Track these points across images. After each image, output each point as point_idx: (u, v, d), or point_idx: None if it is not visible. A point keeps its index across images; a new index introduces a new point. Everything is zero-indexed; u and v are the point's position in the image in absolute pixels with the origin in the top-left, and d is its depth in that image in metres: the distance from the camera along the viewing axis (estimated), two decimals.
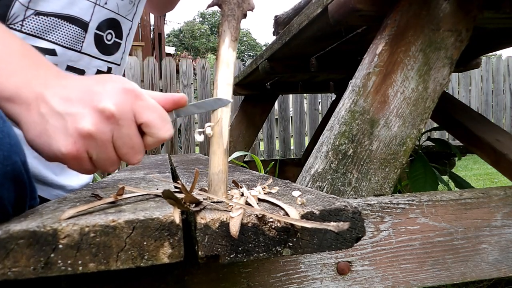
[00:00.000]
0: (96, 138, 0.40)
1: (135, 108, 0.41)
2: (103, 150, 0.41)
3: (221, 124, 0.43)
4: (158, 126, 0.42)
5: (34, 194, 0.45)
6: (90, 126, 0.40)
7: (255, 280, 0.58)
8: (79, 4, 0.66)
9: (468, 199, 0.69)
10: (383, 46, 0.76)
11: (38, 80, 0.42)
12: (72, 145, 0.40)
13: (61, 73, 0.45)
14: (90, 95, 0.41)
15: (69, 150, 0.40)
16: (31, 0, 0.62)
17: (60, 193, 0.74)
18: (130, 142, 0.42)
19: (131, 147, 0.42)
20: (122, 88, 0.41)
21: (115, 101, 0.40)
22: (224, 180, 0.43)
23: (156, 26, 6.35)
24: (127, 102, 0.41)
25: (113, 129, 0.41)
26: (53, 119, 0.40)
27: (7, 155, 0.37)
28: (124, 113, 0.41)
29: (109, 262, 0.32)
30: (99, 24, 0.70)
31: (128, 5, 0.75)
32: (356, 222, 0.38)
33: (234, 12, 0.45)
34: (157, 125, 0.42)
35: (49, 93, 0.41)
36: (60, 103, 0.41)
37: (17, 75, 0.42)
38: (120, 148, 0.42)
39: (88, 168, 0.43)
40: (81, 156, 0.41)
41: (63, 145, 0.40)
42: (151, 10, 1.03)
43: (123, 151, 0.42)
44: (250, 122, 2.38)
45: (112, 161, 0.43)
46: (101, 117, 0.40)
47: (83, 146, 0.40)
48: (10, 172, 0.38)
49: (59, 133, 0.40)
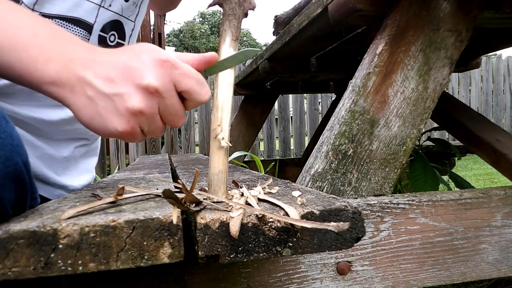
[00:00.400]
0: (145, 114, 0.43)
1: (174, 77, 0.43)
2: (153, 122, 0.44)
3: (221, 124, 0.43)
4: (198, 91, 0.44)
5: (34, 195, 0.45)
6: (139, 104, 0.42)
7: (255, 280, 0.58)
8: (83, 6, 0.66)
9: (468, 199, 0.69)
10: (383, 46, 0.76)
11: (73, 61, 0.44)
12: (126, 123, 0.43)
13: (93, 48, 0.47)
14: (130, 71, 0.43)
15: (124, 128, 0.43)
16: (37, 2, 0.62)
17: (61, 193, 0.74)
18: (174, 110, 0.45)
19: (176, 114, 0.45)
20: (158, 60, 0.43)
21: (155, 75, 0.42)
22: (224, 180, 0.43)
23: (156, 26, 6.35)
24: (166, 73, 0.43)
25: (158, 102, 0.43)
26: (102, 101, 0.43)
27: (9, 156, 0.37)
28: (166, 85, 0.43)
29: (109, 262, 0.32)
30: (103, 26, 0.70)
31: (131, 6, 0.75)
32: (356, 222, 0.38)
33: (235, 11, 0.45)
34: (196, 90, 0.44)
35: (89, 75, 0.43)
36: (105, 84, 0.43)
37: (53, 59, 0.44)
38: (167, 116, 0.45)
39: (140, 138, 0.46)
40: (135, 131, 0.44)
41: (118, 125, 0.43)
42: (153, 9, 1.03)
43: (169, 119, 0.45)
44: (250, 122, 2.38)
45: (161, 129, 0.46)
46: (146, 93, 0.42)
47: (136, 122, 0.43)
48: (11, 173, 0.38)
49: (111, 114, 0.43)
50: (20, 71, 0.44)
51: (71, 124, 0.73)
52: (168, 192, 0.35)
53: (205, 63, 0.46)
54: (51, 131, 0.70)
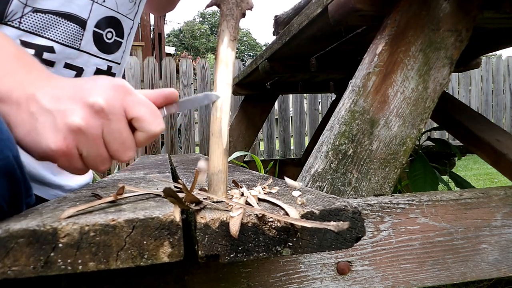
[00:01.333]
0: (86, 133, 0.40)
1: (125, 103, 0.41)
2: (93, 145, 0.41)
3: (220, 124, 0.43)
4: (149, 120, 0.42)
5: (29, 192, 0.44)
6: (80, 121, 0.39)
7: (255, 280, 0.58)
8: (77, 2, 0.66)
9: (468, 199, 0.69)
10: (383, 46, 0.76)
11: (29, 81, 0.43)
12: (62, 140, 0.40)
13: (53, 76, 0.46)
14: (80, 91, 0.41)
15: (58, 146, 0.40)
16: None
17: (58, 193, 0.74)
18: (120, 137, 0.41)
19: (122, 142, 0.42)
20: (112, 84, 0.41)
21: (105, 96, 0.40)
22: (224, 180, 0.43)
23: (156, 26, 6.35)
24: (117, 97, 0.41)
25: (103, 123, 0.40)
26: (42, 116, 0.40)
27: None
28: (114, 107, 0.40)
29: (109, 261, 0.32)
30: (97, 22, 0.70)
31: (128, 4, 0.75)
32: (356, 222, 0.38)
33: (232, 11, 0.45)
34: (148, 119, 0.42)
35: (39, 93, 0.41)
36: (50, 101, 0.41)
37: (9, 76, 0.43)
38: (111, 144, 0.41)
39: (79, 166, 0.42)
40: (71, 152, 0.41)
41: (52, 141, 0.40)
42: (151, 10, 1.03)
43: (113, 147, 0.42)
44: (250, 122, 2.38)
45: (103, 158, 0.42)
46: (91, 111, 0.40)
47: (73, 141, 0.40)
48: (2, 167, 0.37)
49: (48, 130, 0.40)
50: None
51: None
52: (169, 190, 0.35)
53: (164, 99, 0.44)
54: None
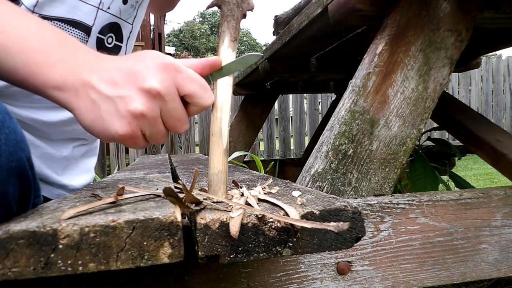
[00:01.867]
0: (147, 117, 0.43)
1: (176, 81, 0.43)
2: (155, 126, 0.44)
3: (220, 124, 0.44)
4: (201, 95, 0.44)
5: (38, 192, 0.45)
6: (141, 107, 0.42)
7: (255, 280, 0.58)
8: (82, 9, 0.67)
9: (468, 199, 0.69)
10: (383, 46, 0.76)
11: (80, 66, 0.44)
12: (128, 126, 0.42)
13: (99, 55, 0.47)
14: (133, 75, 0.43)
15: (125, 131, 0.43)
16: (37, 5, 0.62)
17: (61, 193, 0.74)
18: (176, 115, 0.44)
19: (178, 119, 0.44)
20: (161, 64, 0.43)
21: (158, 78, 0.42)
22: (224, 180, 0.43)
23: (156, 26, 6.34)
24: (169, 77, 0.43)
25: (161, 105, 0.43)
26: (104, 104, 0.42)
27: (12, 151, 0.37)
28: (168, 88, 0.42)
29: (109, 262, 0.32)
30: (101, 28, 0.70)
31: (129, 9, 0.76)
32: (356, 222, 0.38)
33: (233, 12, 0.45)
34: (199, 94, 0.44)
35: (94, 79, 0.43)
36: (108, 87, 0.43)
37: (59, 64, 0.44)
38: (169, 121, 0.44)
39: (142, 144, 0.45)
40: (136, 135, 0.43)
41: (119, 127, 0.42)
42: (151, 10, 1.03)
43: (171, 124, 0.45)
44: (250, 122, 2.38)
45: (162, 134, 0.45)
46: (149, 96, 0.42)
47: (137, 125, 0.43)
48: (15, 168, 0.38)
49: (113, 117, 0.42)
50: (25, 75, 0.44)
51: (69, 125, 0.73)
52: (169, 190, 0.35)
53: (209, 68, 0.46)
54: (50, 131, 0.71)
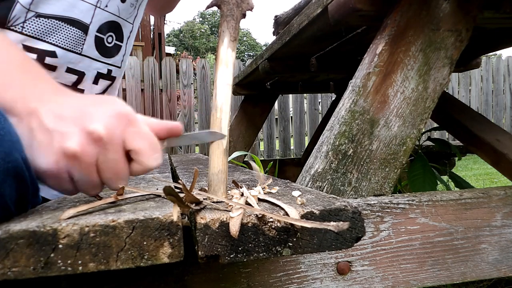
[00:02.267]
0: (80, 159, 0.39)
1: (125, 134, 0.41)
2: (86, 172, 0.40)
3: (220, 124, 0.43)
4: (147, 154, 0.41)
5: (36, 192, 0.45)
6: (76, 146, 0.39)
7: (255, 280, 0.58)
8: (79, 7, 0.66)
9: (468, 199, 0.69)
10: (383, 46, 0.76)
11: (34, 95, 0.42)
12: (54, 163, 0.39)
13: (59, 89, 0.45)
14: (83, 115, 0.40)
15: (50, 167, 0.40)
16: (32, 2, 0.62)
17: (59, 193, 0.74)
18: (115, 168, 0.41)
19: (116, 172, 0.41)
20: (116, 112, 0.41)
21: (106, 124, 0.39)
22: (224, 180, 0.43)
23: (156, 26, 6.35)
24: (119, 126, 0.40)
25: (99, 152, 0.40)
26: (40, 134, 0.40)
27: (8, 152, 0.37)
28: (113, 137, 0.40)
29: (109, 262, 0.32)
30: (99, 27, 0.70)
31: (129, 8, 0.75)
32: (356, 222, 0.38)
33: (233, 12, 0.45)
34: (145, 153, 0.41)
35: (43, 109, 0.41)
36: (52, 120, 0.40)
37: (14, 88, 0.43)
38: (104, 172, 0.41)
39: (68, 188, 0.42)
40: (61, 175, 0.40)
41: (44, 161, 0.40)
42: (150, 12, 1.03)
43: (106, 176, 0.41)
44: (250, 122, 2.38)
45: (94, 185, 0.41)
46: (89, 138, 0.39)
47: (65, 166, 0.40)
48: (11, 169, 0.38)
49: (43, 149, 0.40)
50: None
51: None
52: (169, 189, 0.35)
53: (167, 132, 0.44)
54: None
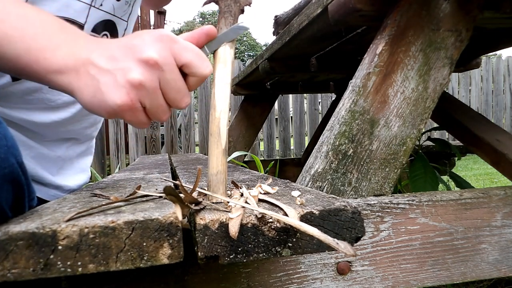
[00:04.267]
0: (146, 87, 0.43)
1: (173, 51, 0.43)
2: (154, 97, 0.44)
3: (218, 124, 0.43)
4: (198, 64, 0.44)
5: (32, 195, 0.45)
6: (139, 76, 0.42)
7: (255, 280, 0.58)
8: (74, 6, 0.66)
9: (468, 199, 0.69)
10: (383, 46, 0.76)
11: (80, 47, 0.45)
12: (126, 96, 0.42)
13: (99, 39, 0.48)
14: (131, 48, 0.43)
15: (124, 101, 0.42)
16: (27, 2, 0.61)
17: (57, 193, 0.74)
18: (176, 86, 0.44)
19: (178, 90, 0.44)
20: (157, 35, 0.44)
21: (155, 48, 0.43)
22: (223, 181, 0.43)
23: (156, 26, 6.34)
24: (166, 47, 0.43)
25: (159, 75, 0.43)
26: (103, 77, 0.43)
27: (4, 158, 0.37)
28: (166, 58, 0.43)
29: (109, 263, 0.32)
30: (94, 26, 0.70)
31: (124, 6, 0.75)
32: (356, 222, 0.38)
33: (230, 8, 0.45)
34: (196, 63, 0.44)
35: (94, 55, 0.44)
36: (107, 61, 0.43)
37: (60, 48, 0.45)
38: (168, 93, 0.44)
39: (143, 119, 0.45)
40: (135, 105, 0.43)
41: (118, 97, 0.42)
42: (146, 5, 1.02)
43: (171, 96, 0.45)
44: (250, 122, 2.38)
45: (163, 109, 0.45)
46: (147, 66, 0.42)
47: (136, 95, 0.43)
48: (8, 174, 0.38)
49: (111, 88, 0.42)
50: (27, 61, 0.45)
51: (63, 126, 0.72)
52: (170, 189, 0.35)
53: (205, 37, 0.46)
54: (43, 132, 0.70)
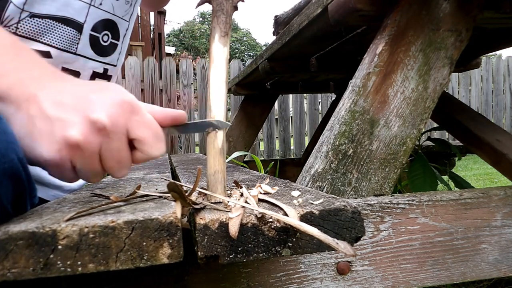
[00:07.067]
0: (82, 149, 0.38)
1: (129, 123, 0.40)
2: (89, 161, 0.40)
3: None
4: (151, 143, 0.41)
5: (33, 192, 0.44)
6: (79, 136, 0.38)
7: (255, 280, 0.58)
8: (73, 6, 0.66)
9: (468, 199, 0.69)
10: (383, 46, 0.76)
11: (32, 80, 0.41)
12: (56, 152, 0.38)
13: (56, 73, 0.44)
14: (84, 102, 0.39)
15: (51, 156, 0.39)
16: (26, 2, 0.61)
17: (57, 193, 0.74)
18: (118, 156, 0.40)
19: (118, 161, 0.41)
20: (119, 100, 0.40)
21: (109, 113, 0.39)
22: (221, 180, 0.43)
23: (156, 26, 6.34)
24: (122, 115, 0.39)
25: (102, 141, 0.39)
26: (41, 122, 0.39)
27: (4, 153, 0.37)
28: (116, 126, 0.39)
29: (109, 263, 0.32)
30: (94, 25, 0.69)
31: (124, 5, 0.74)
32: (356, 222, 0.38)
33: (222, 6, 0.45)
34: (149, 142, 0.41)
35: (41, 94, 0.40)
36: (52, 107, 0.39)
37: (9, 74, 0.41)
38: (107, 160, 0.40)
39: (70, 176, 0.41)
40: (63, 164, 0.39)
41: (46, 150, 0.39)
42: (145, 6, 1.02)
43: (109, 164, 0.41)
44: (250, 122, 2.38)
45: (96, 173, 0.41)
46: (92, 128, 0.38)
47: (68, 155, 0.39)
48: (7, 169, 0.37)
49: (44, 138, 0.39)
50: None
51: None
52: (173, 185, 0.35)
53: (171, 120, 0.43)
54: None
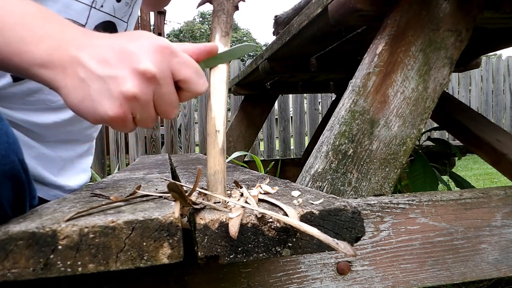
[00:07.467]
0: (140, 100, 0.41)
1: (172, 65, 0.42)
2: (146, 110, 0.42)
3: (215, 124, 0.43)
4: (195, 81, 0.43)
5: (33, 193, 0.44)
6: (134, 89, 0.40)
7: (255, 280, 0.58)
8: (75, 7, 0.65)
9: (468, 199, 0.69)
10: (383, 46, 0.76)
11: (67, 42, 0.42)
12: (119, 108, 0.41)
13: (87, 31, 0.45)
14: (127, 55, 0.41)
15: (116, 113, 0.41)
16: None
17: (58, 193, 0.74)
18: (169, 99, 0.43)
19: (170, 104, 0.43)
20: (157, 45, 0.41)
21: (153, 60, 0.40)
22: (221, 181, 0.43)
23: (156, 26, 6.34)
24: (165, 60, 0.41)
25: (154, 89, 0.41)
26: (95, 83, 0.40)
27: (4, 154, 0.37)
28: (163, 72, 0.41)
29: (109, 263, 0.32)
30: (95, 27, 0.69)
31: (124, 7, 0.75)
32: (356, 222, 0.38)
33: (223, 6, 0.45)
34: (194, 80, 0.43)
35: (84, 56, 0.41)
36: (99, 66, 0.40)
37: (45, 40, 0.42)
38: (160, 105, 0.43)
39: (131, 127, 0.44)
40: (127, 117, 0.42)
41: (109, 108, 0.40)
42: (145, 6, 1.02)
43: (162, 108, 0.43)
44: (250, 122, 2.38)
45: (152, 118, 0.44)
46: (143, 78, 0.40)
47: (129, 108, 0.41)
48: (8, 171, 0.38)
49: (103, 97, 0.40)
50: (7, 54, 0.42)
51: (63, 127, 0.72)
52: (173, 185, 0.35)
53: (205, 54, 0.45)
54: (44, 133, 0.70)
